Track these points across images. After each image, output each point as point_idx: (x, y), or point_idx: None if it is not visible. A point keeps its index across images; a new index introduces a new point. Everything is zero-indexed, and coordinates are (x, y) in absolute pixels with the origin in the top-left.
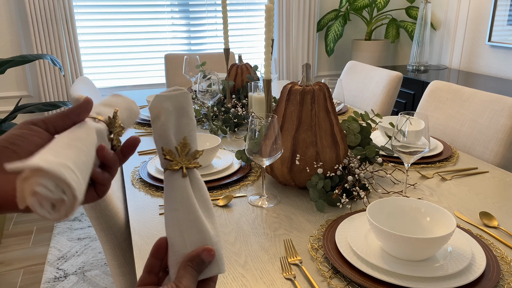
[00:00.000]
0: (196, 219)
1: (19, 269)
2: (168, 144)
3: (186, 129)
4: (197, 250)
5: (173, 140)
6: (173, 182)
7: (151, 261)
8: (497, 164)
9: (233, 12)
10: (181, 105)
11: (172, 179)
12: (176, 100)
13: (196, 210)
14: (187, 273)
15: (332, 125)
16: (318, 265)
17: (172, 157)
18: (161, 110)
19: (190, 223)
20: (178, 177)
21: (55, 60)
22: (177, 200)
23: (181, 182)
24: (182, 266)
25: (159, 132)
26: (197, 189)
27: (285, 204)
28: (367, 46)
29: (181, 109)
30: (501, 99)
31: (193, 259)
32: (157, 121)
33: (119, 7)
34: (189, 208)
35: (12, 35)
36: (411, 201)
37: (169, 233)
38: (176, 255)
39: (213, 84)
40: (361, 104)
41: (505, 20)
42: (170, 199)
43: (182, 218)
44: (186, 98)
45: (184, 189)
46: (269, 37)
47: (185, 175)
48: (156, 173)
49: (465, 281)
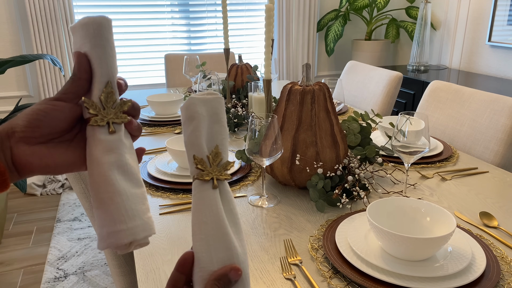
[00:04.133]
0: (224, 236)
1: (19, 269)
2: (200, 152)
3: (219, 137)
4: (224, 268)
5: (205, 148)
6: (202, 193)
7: (176, 275)
8: (497, 164)
9: (233, 12)
10: (214, 111)
11: (201, 189)
12: (210, 105)
13: (225, 226)
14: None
15: (332, 125)
16: (318, 265)
17: (203, 166)
18: (195, 114)
19: (219, 239)
20: (208, 188)
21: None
22: (206, 213)
23: (211, 194)
24: (209, 285)
25: (191, 138)
26: (226, 202)
27: (285, 204)
28: (367, 46)
29: (214, 115)
30: (501, 99)
31: (220, 278)
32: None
33: (119, 7)
34: (218, 223)
35: (12, 35)
36: (411, 201)
37: (196, 247)
38: (202, 272)
39: (213, 84)
40: (361, 104)
41: (505, 20)
42: (199, 211)
43: (210, 233)
44: (220, 103)
45: (214, 201)
46: (269, 37)
47: (215, 186)
48: (156, 173)
49: (465, 281)
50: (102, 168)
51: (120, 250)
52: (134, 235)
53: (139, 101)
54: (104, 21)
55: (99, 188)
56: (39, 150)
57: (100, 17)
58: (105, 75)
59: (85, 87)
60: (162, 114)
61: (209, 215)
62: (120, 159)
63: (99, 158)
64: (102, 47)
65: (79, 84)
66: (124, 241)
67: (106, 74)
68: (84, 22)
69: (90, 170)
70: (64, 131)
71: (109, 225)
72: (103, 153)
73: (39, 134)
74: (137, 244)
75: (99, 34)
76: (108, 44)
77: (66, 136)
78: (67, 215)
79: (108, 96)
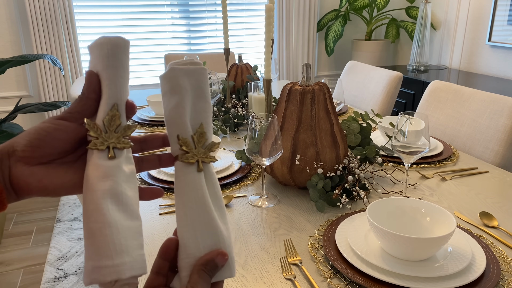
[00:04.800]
0: (211, 221)
1: (19, 269)
2: (184, 132)
3: (203, 115)
4: (211, 254)
5: (189, 127)
6: (186, 176)
7: (159, 262)
8: (497, 164)
9: (233, 12)
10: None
11: (186, 172)
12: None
13: (211, 211)
14: (201, 279)
15: (332, 125)
16: (318, 265)
17: (188, 148)
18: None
19: (205, 225)
20: (193, 171)
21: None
22: (191, 198)
23: (196, 177)
24: (196, 270)
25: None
26: (211, 185)
27: (285, 204)
28: (367, 46)
29: (198, 89)
30: (501, 99)
31: (207, 263)
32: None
33: (119, 7)
34: (204, 208)
35: (12, 35)
36: (411, 201)
37: (182, 233)
38: (189, 258)
39: (213, 84)
40: (361, 104)
41: (505, 20)
42: (184, 195)
43: (196, 219)
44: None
45: (199, 186)
46: (269, 37)
47: (200, 170)
48: (156, 173)
49: (465, 281)
50: (95, 195)
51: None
52: (118, 273)
53: (139, 101)
54: (120, 41)
55: (90, 217)
56: (38, 171)
57: (116, 38)
58: (113, 97)
59: (92, 107)
60: (162, 114)
61: (195, 200)
62: (116, 188)
63: (94, 185)
64: (114, 68)
65: (86, 104)
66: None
67: (114, 96)
68: (100, 42)
69: (84, 196)
70: (67, 152)
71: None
72: (98, 179)
73: (39, 154)
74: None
75: (112, 55)
76: (121, 65)
77: (69, 157)
78: (67, 215)
79: (112, 119)
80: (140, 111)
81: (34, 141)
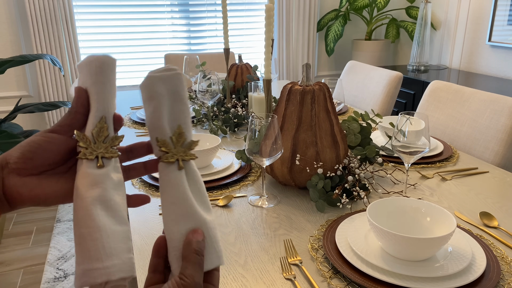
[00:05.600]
0: (193, 214)
1: (19, 269)
2: (162, 134)
3: (181, 116)
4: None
5: (167, 129)
6: (169, 175)
7: (154, 260)
8: (497, 164)
9: (233, 12)
10: (174, 88)
11: (167, 171)
12: (169, 82)
13: (193, 205)
14: (189, 262)
15: (332, 125)
16: (318, 265)
17: (167, 148)
18: (154, 94)
19: (187, 217)
20: (174, 169)
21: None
22: (172, 194)
23: (177, 175)
24: (183, 257)
25: (151, 120)
26: (193, 182)
27: (285, 204)
28: (367, 46)
29: (174, 93)
30: (501, 99)
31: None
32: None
33: (119, 7)
34: (185, 202)
35: (12, 35)
36: (411, 201)
37: (167, 228)
38: (175, 250)
39: (213, 84)
40: (361, 104)
41: (505, 20)
42: (167, 193)
43: (179, 213)
44: (179, 80)
45: (180, 182)
46: (269, 37)
47: (181, 167)
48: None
49: (465, 281)
50: (85, 202)
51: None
52: (108, 275)
53: (139, 101)
54: (107, 59)
55: (80, 223)
56: (29, 181)
57: (104, 56)
58: (101, 111)
59: (80, 120)
60: None
61: (176, 196)
62: (105, 194)
63: (83, 192)
64: (102, 84)
65: (75, 118)
66: (97, 280)
67: (102, 109)
68: (89, 60)
69: (74, 204)
70: (57, 163)
71: (85, 262)
72: (88, 187)
73: (31, 165)
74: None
75: (100, 72)
76: (108, 81)
77: (60, 168)
78: (67, 215)
79: (101, 131)
80: (140, 111)
81: (26, 153)
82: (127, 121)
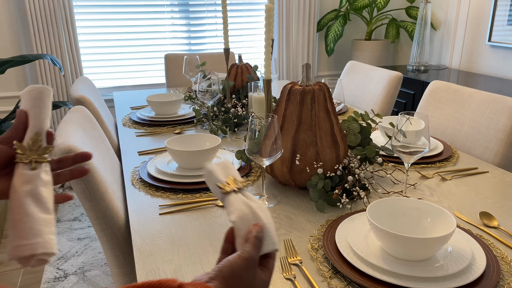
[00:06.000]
0: None
1: (19, 269)
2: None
3: (39, 125)
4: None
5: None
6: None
7: (225, 245)
8: (497, 164)
9: (233, 12)
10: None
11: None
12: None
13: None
14: (249, 242)
15: (332, 125)
16: (318, 265)
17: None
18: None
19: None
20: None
21: (55, 60)
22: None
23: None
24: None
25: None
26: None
27: (285, 204)
28: (367, 46)
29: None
30: (501, 99)
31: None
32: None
33: (119, 7)
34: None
35: (12, 35)
36: (411, 201)
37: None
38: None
39: (213, 84)
40: (361, 104)
41: (505, 20)
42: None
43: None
44: (42, 92)
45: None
46: (269, 37)
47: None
48: (156, 173)
49: (465, 281)
50: (18, 195)
51: (22, 263)
52: (33, 250)
53: (139, 101)
54: (43, 89)
55: (14, 210)
56: None
57: (41, 87)
58: (37, 127)
59: (20, 134)
60: (162, 114)
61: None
62: (35, 190)
63: (18, 187)
64: (38, 107)
65: (16, 132)
66: (24, 253)
67: (37, 126)
68: (29, 89)
69: (10, 197)
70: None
71: (15, 241)
72: (22, 184)
73: None
74: (37, 258)
75: (37, 98)
76: (43, 105)
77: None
78: (67, 215)
79: (35, 142)
80: (140, 111)
81: None
82: (127, 121)
